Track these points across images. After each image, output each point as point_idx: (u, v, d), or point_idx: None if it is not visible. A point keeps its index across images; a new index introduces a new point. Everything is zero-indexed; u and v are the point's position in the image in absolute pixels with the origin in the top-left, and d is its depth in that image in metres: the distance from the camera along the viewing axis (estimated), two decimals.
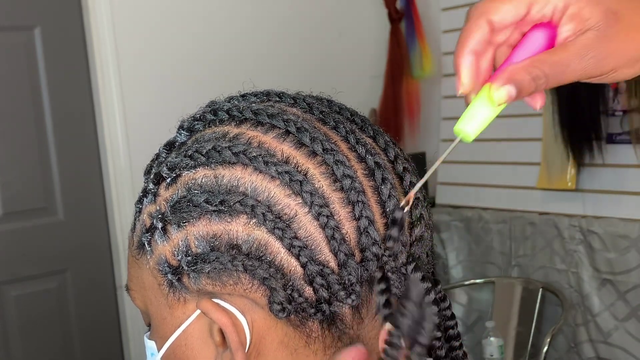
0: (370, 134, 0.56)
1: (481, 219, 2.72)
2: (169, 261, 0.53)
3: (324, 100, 0.59)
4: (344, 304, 0.50)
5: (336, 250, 0.50)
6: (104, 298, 2.51)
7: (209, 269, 0.50)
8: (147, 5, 2.48)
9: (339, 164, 0.51)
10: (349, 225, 0.51)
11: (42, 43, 2.37)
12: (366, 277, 0.50)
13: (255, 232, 0.50)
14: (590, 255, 2.39)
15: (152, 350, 0.57)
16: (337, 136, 0.54)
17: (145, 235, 0.54)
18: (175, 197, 0.53)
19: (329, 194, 0.51)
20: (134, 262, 0.57)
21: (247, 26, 2.68)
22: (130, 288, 0.59)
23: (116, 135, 2.42)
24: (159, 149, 0.58)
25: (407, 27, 2.87)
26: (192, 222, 0.51)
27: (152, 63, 2.49)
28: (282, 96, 0.58)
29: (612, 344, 2.36)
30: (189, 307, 0.53)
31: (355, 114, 0.58)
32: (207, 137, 0.54)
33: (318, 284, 0.49)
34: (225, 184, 0.51)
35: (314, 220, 0.50)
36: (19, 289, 2.36)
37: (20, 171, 2.35)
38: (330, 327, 0.51)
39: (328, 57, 2.87)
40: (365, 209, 0.51)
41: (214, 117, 0.56)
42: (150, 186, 0.55)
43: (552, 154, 2.46)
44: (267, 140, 0.52)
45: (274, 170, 0.50)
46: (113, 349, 2.53)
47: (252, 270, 0.49)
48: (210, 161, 0.52)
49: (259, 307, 0.51)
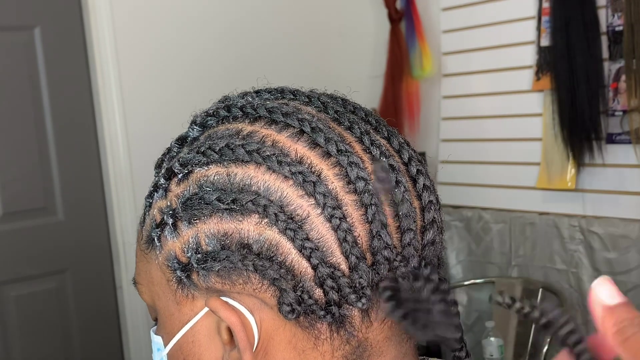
0: (385, 135, 0.56)
1: (481, 219, 2.72)
2: (178, 258, 0.52)
3: (339, 99, 0.58)
4: (354, 307, 0.50)
5: (348, 253, 0.49)
6: (104, 298, 2.50)
7: (219, 268, 0.50)
8: (147, 5, 2.48)
9: (353, 165, 0.51)
10: (362, 228, 0.50)
11: (42, 43, 2.36)
12: (377, 281, 0.50)
13: (267, 232, 0.49)
14: (590, 255, 2.39)
15: (159, 346, 0.57)
16: (352, 137, 0.54)
17: (155, 230, 0.54)
18: (186, 193, 0.52)
19: (342, 196, 0.50)
20: (142, 257, 0.57)
21: (247, 26, 2.67)
22: (137, 282, 0.58)
23: (116, 136, 2.42)
24: (171, 143, 0.57)
25: (407, 27, 2.86)
26: (203, 219, 0.51)
27: (152, 63, 2.49)
28: (297, 94, 0.57)
29: None
30: (197, 304, 0.53)
31: (369, 114, 0.57)
32: (220, 133, 0.54)
33: (328, 286, 0.49)
34: (238, 182, 0.51)
35: (327, 222, 0.50)
36: (19, 289, 2.36)
37: (20, 171, 2.35)
38: (339, 329, 0.51)
39: (328, 57, 2.87)
40: (378, 212, 0.50)
41: (228, 113, 0.55)
42: (161, 181, 0.55)
43: (552, 154, 2.46)
44: (281, 139, 0.52)
45: (287, 170, 0.50)
46: (113, 348, 2.53)
47: (263, 270, 0.49)
48: (223, 159, 0.52)
49: (268, 307, 0.50)
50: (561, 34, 2.36)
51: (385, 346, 0.53)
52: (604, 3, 2.30)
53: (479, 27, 2.68)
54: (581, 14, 2.31)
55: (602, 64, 2.30)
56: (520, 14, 2.55)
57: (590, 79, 2.30)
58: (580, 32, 2.31)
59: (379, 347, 0.53)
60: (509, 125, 2.61)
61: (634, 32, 2.18)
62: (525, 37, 2.53)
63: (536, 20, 2.49)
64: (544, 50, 2.45)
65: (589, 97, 2.30)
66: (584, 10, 2.31)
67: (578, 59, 2.31)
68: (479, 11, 2.68)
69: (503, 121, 2.64)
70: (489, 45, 2.65)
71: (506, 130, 2.63)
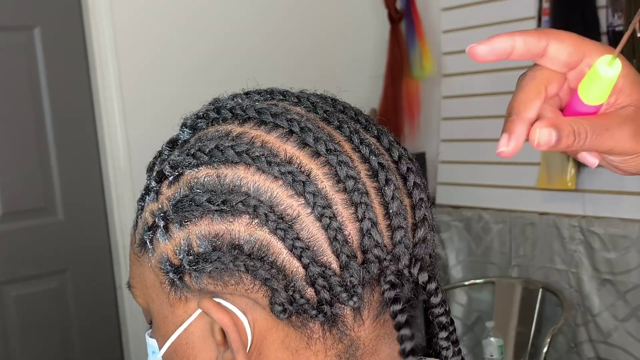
0: (374, 133, 0.56)
1: (481, 219, 2.72)
2: (170, 260, 0.52)
3: (328, 99, 0.58)
4: (345, 306, 0.50)
5: (338, 251, 0.50)
6: (104, 298, 2.50)
7: (211, 269, 0.50)
8: (147, 6, 2.48)
9: (343, 164, 0.51)
10: (352, 227, 0.50)
11: (42, 43, 2.36)
12: (368, 279, 0.50)
13: (258, 232, 0.50)
14: (590, 256, 2.39)
15: (153, 349, 0.57)
16: (341, 136, 0.54)
17: (147, 233, 0.54)
18: (177, 195, 0.53)
19: (332, 195, 0.51)
20: (135, 260, 0.57)
21: (247, 26, 2.68)
22: (131, 285, 0.59)
23: (116, 136, 2.42)
24: (162, 146, 0.58)
25: (407, 27, 2.87)
26: (194, 221, 0.51)
27: (152, 63, 2.49)
28: (286, 94, 0.57)
29: (612, 344, 2.36)
30: (190, 306, 0.53)
31: (359, 113, 0.58)
32: (210, 135, 0.54)
33: (320, 285, 0.49)
34: (228, 183, 0.51)
35: (317, 222, 0.50)
36: (19, 289, 2.36)
37: (20, 171, 2.35)
38: (332, 328, 0.51)
39: (328, 57, 2.87)
40: (368, 210, 0.50)
41: (217, 115, 0.56)
42: (152, 184, 0.55)
43: (552, 154, 2.46)
44: (270, 140, 0.52)
45: (276, 170, 0.50)
46: (113, 349, 2.53)
47: (254, 270, 0.49)
48: (213, 160, 0.52)
49: (261, 307, 0.50)
50: None
51: (378, 344, 0.53)
52: (604, 3, 2.31)
53: (479, 27, 2.68)
54: (581, 14, 2.32)
55: None
56: (520, 14, 2.55)
57: None
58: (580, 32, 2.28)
59: (372, 346, 0.53)
60: None
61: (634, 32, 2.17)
62: None
63: (536, 20, 2.49)
64: None
65: None
66: (584, 10, 2.31)
67: None
68: (479, 11, 2.69)
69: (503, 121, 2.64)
70: None
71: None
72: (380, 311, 0.52)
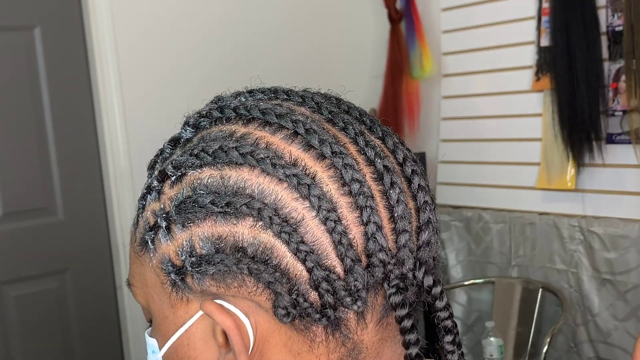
0: (379, 135, 0.55)
1: (481, 219, 2.72)
2: (172, 261, 0.52)
3: (333, 98, 0.57)
4: (349, 310, 0.50)
5: (343, 255, 0.49)
6: (104, 298, 2.51)
7: (214, 271, 0.50)
8: (147, 6, 2.48)
9: (348, 167, 0.50)
10: (357, 230, 0.50)
11: (42, 43, 2.36)
12: (372, 283, 0.50)
13: (261, 235, 0.49)
14: (590, 255, 2.39)
15: (153, 348, 0.57)
16: (346, 138, 0.53)
17: (148, 233, 0.54)
18: (180, 196, 0.52)
19: (337, 198, 0.50)
20: (136, 259, 0.56)
21: (247, 26, 2.68)
22: (131, 284, 0.58)
23: (116, 135, 2.42)
24: (164, 145, 0.57)
25: (407, 27, 2.87)
26: (197, 222, 0.50)
27: (152, 63, 2.49)
28: (290, 94, 0.57)
29: (612, 344, 2.36)
30: (192, 307, 0.52)
31: (364, 113, 0.57)
32: (214, 135, 0.53)
33: (324, 289, 0.49)
34: (232, 185, 0.50)
35: (321, 225, 0.49)
36: (19, 289, 2.36)
37: (20, 171, 2.35)
38: (335, 332, 0.51)
39: (328, 57, 2.87)
40: (373, 214, 0.50)
41: (221, 114, 0.55)
42: (154, 183, 0.54)
43: (551, 154, 2.46)
44: (275, 142, 0.51)
45: (281, 172, 0.50)
46: (113, 349, 2.53)
47: (257, 273, 0.49)
48: (216, 161, 0.51)
49: (263, 310, 0.50)
50: (561, 34, 2.36)
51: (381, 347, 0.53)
52: (604, 3, 2.31)
53: (479, 27, 2.68)
54: (581, 14, 2.32)
55: (602, 64, 2.30)
56: (520, 14, 2.55)
57: (590, 79, 2.30)
58: (580, 32, 2.31)
59: (375, 349, 0.53)
60: (508, 125, 2.62)
61: (634, 32, 2.18)
62: (525, 37, 2.53)
63: (536, 20, 2.49)
64: (544, 50, 2.45)
65: (588, 97, 2.31)
66: (584, 10, 2.31)
67: (578, 59, 2.31)
68: (479, 11, 2.68)
69: (503, 121, 2.64)
70: (488, 45, 2.65)
71: (506, 130, 2.63)
72: (383, 314, 0.52)
